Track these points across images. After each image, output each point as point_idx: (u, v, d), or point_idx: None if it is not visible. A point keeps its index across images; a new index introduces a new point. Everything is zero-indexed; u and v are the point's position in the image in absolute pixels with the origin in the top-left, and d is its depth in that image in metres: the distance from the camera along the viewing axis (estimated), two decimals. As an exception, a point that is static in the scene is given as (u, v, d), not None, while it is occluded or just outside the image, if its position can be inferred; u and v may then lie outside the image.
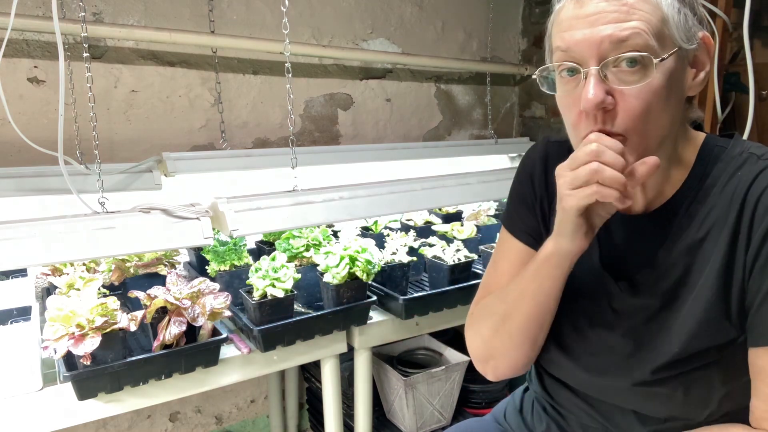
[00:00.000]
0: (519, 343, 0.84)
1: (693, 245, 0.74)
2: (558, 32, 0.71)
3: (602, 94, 0.67)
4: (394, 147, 2.04)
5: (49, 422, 1.08)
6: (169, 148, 1.71)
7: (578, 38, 0.68)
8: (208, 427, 2.04)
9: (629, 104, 0.68)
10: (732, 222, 0.71)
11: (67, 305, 1.07)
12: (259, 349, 1.26)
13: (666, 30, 0.68)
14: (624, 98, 0.68)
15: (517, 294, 0.83)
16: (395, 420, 1.75)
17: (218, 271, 1.44)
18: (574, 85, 0.71)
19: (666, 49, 0.68)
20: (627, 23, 0.66)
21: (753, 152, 0.74)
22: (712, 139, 0.79)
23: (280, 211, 1.37)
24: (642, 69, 0.67)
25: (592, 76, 0.67)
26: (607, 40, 0.66)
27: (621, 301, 0.79)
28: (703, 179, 0.75)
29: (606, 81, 0.68)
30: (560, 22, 0.71)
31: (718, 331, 0.72)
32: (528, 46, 2.49)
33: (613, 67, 0.68)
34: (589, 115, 0.69)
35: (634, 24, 0.66)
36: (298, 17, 1.91)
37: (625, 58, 0.66)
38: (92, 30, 1.43)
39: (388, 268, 1.48)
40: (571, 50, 0.69)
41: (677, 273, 0.75)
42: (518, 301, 0.82)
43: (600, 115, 0.68)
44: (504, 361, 0.87)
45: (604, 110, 0.68)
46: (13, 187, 1.35)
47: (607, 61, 0.67)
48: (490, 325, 0.86)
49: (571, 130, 0.74)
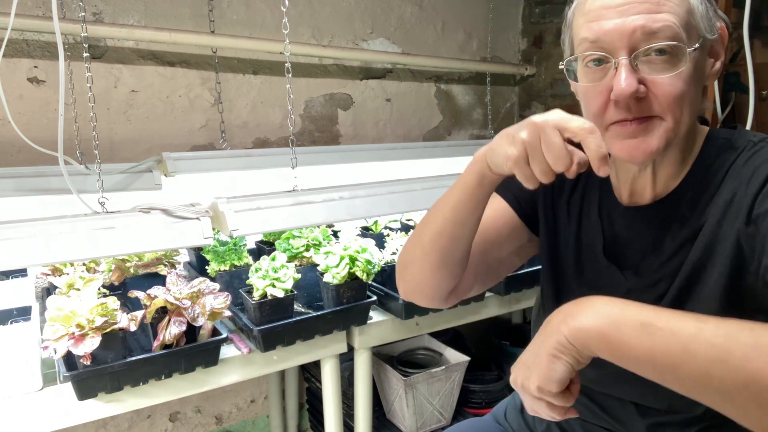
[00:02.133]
0: (428, 252, 0.81)
1: (699, 231, 0.74)
2: (584, 23, 0.71)
3: (635, 83, 0.68)
4: (394, 147, 2.04)
5: (49, 422, 1.08)
6: (169, 148, 1.71)
7: (608, 28, 0.68)
8: (208, 427, 2.04)
9: (664, 90, 0.69)
10: (738, 203, 0.70)
11: (67, 305, 1.07)
12: (259, 349, 1.26)
13: (692, 21, 0.69)
14: (656, 86, 0.69)
15: (438, 203, 0.81)
16: (395, 420, 1.75)
17: (218, 271, 1.44)
18: (602, 75, 0.71)
19: (693, 40, 0.69)
20: (658, 14, 0.67)
21: (751, 139, 0.75)
22: (716, 131, 0.80)
23: (280, 211, 1.37)
24: (672, 58, 0.68)
25: (624, 66, 0.68)
26: (639, 30, 0.67)
27: (627, 290, 0.79)
28: (707, 169, 0.76)
29: (637, 70, 0.69)
30: (586, 12, 0.71)
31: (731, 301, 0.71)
32: (528, 46, 2.49)
33: (643, 57, 0.68)
34: (620, 104, 0.70)
35: (665, 16, 0.67)
36: (298, 17, 1.91)
37: (658, 48, 0.67)
38: (92, 30, 1.43)
39: (388, 268, 1.48)
40: (600, 40, 0.70)
41: (683, 259, 0.75)
42: (435, 208, 0.81)
43: (633, 104, 0.69)
44: (417, 271, 0.85)
45: (636, 99, 0.69)
46: (13, 187, 1.35)
47: (638, 51, 0.68)
48: (413, 233, 0.87)
49: (593, 119, 0.74)
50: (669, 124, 0.70)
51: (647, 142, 0.71)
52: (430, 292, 0.86)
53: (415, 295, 0.89)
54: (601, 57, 0.70)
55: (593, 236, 0.85)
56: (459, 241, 0.80)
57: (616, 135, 0.72)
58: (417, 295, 0.88)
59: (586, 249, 0.85)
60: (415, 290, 0.88)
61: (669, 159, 0.77)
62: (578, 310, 0.63)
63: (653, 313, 0.59)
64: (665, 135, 0.70)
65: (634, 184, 0.81)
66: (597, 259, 0.83)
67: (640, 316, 0.59)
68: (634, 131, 0.71)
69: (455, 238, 0.80)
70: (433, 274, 0.83)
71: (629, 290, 0.79)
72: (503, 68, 2.42)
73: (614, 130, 0.72)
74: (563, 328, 0.62)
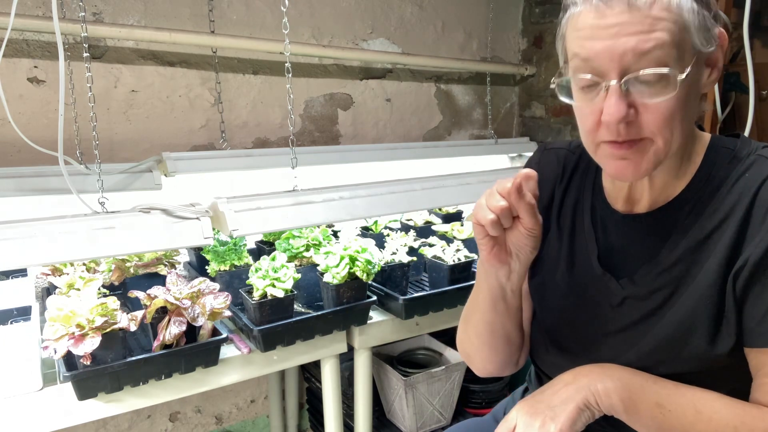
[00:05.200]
0: (479, 347, 0.91)
1: (696, 244, 0.73)
2: (576, 38, 0.70)
3: (624, 108, 0.67)
4: (394, 147, 2.04)
5: (49, 422, 1.08)
6: (169, 148, 1.71)
7: (598, 49, 0.67)
8: (208, 427, 2.04)
9: (653, 115, 0.68)
10: (739, 220, 0.70)
11: (67, 305, 1.07)
12: (259, 349, 1.26)
13: (687, 37, 0.67)
14: (647, 109, 0.68)
15: (471, 299, 0.90)
16: (395, 420, 1.75)
17: (218, 271, 1.44)
18: (594, 94, 0.70)
19: (687, 58, 0.67)
20: (650, 35, 0.65)
21: (761, 154, 0.74)
22: (719, 140, 0.78)
23: (280, 211, 1.37)
24: (663, 82, 0.66)
25: (613, 91, 0.67)
26: (630, 52, 0.65)
27: (622, 300, 0.79)
28: (710, 180, 0.75)
29: (627, 94, 0.67)
30: (579, 28, 0.69)
31: (716, 330, 0.72)
32: (528, 46, 2.49)
33: (634, 80, 0.67)
34: (610, 127, 0.69)
35: (657, 35, 0.65)
36: (298, 17, 1.91)
37: (647, 74, 0.66)
38: (92, 30, 1.43)
39: (388, 268, 1.48)
40: (591, 60, 0.68)
41: (680, 271, 0.74)
42: (470, 306, 0.91)
43: (622, 127, 0.68)
44: (477, 361, 0.94)
45: (626, 122, 0.68)
46: (13, 187, 1.35)
47: (628, 76, 0.66)
48: (461, 327, 0.95)
49: (586, 137, 0.74)
50: (659, 145, 0.70)
51: (636, 163, 0.71)
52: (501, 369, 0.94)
53: (490, 374, 0.96)
54: (592, 79, 0.69)
55: (587, 244, 0.84)
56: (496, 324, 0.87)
57: (607, 155, 0.73)
58: (491, 374, 0.96)
59: (580, 257, 0.85)
60: (487, 373, 0.96)
61: (666, 167, 0.76)
62: (605, 377, 0.75)
63: (665, 393, 0.72)
64: (655, 157, 0.70)
65: (631, 191, 0.81)
66: (591, 267, 0.83)
67: (656, 397, 0.72)
68: (623, 153, 0.71)
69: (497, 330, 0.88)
70: (490, 358, 0.92)
71: (625, 298, 0.79)
72: (503, 68, 2.42)
73: (605, 149, 0.72)
74: (596, 388, 0.73)
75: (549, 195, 0.91)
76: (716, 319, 0.71)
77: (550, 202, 0.91)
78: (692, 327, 0.72)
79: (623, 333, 0.79)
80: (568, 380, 0.76)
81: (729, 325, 0.71)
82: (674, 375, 0.75)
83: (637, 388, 0.73)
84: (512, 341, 0.89)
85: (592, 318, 0.82)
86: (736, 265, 0.70)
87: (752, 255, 0.68)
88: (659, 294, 0.76)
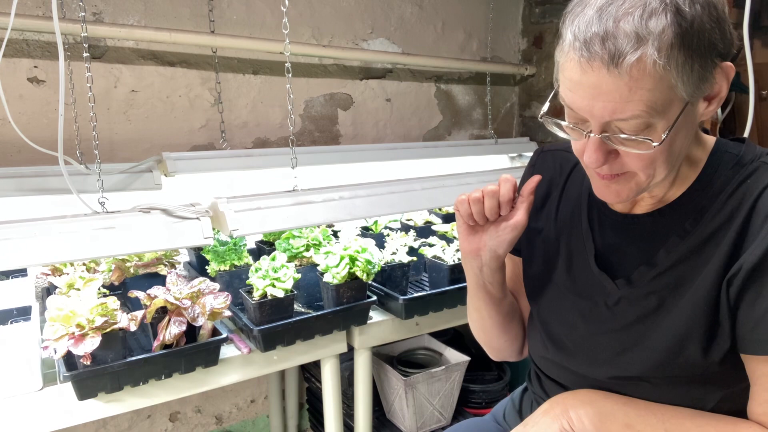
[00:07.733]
0: (476, 332, 1.00)
1: (694, 248, 0.73)
2: (563, 81, 0.68)
3: (603, 157, 0.69)
4: (394, 147, 2.04)
5: (49, 422, 1.08)
6: (169, 148, 1.71)
7: (579, 105, 0.67)
8: (208, 427, 2.04)
9: (634, 160, 0.68)
10: (738, 227, 0.70)
11: (67, 305, 1.07)
12: (259, 349, 1.27)
13: (673, 94, 0.63)
14: (629, 156, 0.68)
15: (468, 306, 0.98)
16: (395, 420, 1.75)
17: (218, 271, 1.44)
18: (579, 134, 0.70)
19: (673, 111, 0.65)
20: (628, 103, 0.63)
21: (764, 161, 0.73)
22: (723, 145, 0.77)
23: (280, 211, 1.37)
24: (646, 137, 0.65)
25: (593, 141, 0.68)
26: (608, 116, 0.65)
27: (617, 299, 0.79)
28: (712, 184, 0.74)
29: (608, 141, 0.68)
30: (566, 75, 0.67)
31: (711, 337, 0.72)
32: (528, 46, 2.49)
33: (615, 131, 0.66)
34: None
35: (634, 105, 0.62)
36: (298, 17, 1.91)
37: (625, 135, 0.65)
38: (92, 30, 1.43)
39: (388, 268, 1.48)
40: (573, 111, 0.69)
41: (676, 274, 0.74)
42: (468, 301, 0.97)
43: (604, 168, 0.70)
44: (491, 349, 1.01)
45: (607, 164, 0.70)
46: (13, 187, 1.35)
47: (608, 133, 0.67)
48: (472, 324, 1.02)
49: (576, 154, 0.75)
50: (641, 179, 0.70)
51: (618, 192, 0.73)
52: (514, 356, 1.02)
53: (504, 359, 1.04)
54: (575, 126, 0.70)
55: (583, 244, 0.84)
56: (492, 318, 0.94)
57: (593, 177, 0.76)
58: (506, 359, 1.03)
59: (577, 256, 0.85)
60: (502, 358, 1.03)
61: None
62: (577, 402, 0.82)
63: (635, 414, 0.77)
64: (637, 187, 0.71)
65: None
66: (588, 267, 0.83)
67: (625, 419, 0.77)
68: (606, 182, 0.73)
69: (495, 322, 0.95)
70: (501, 346, 0.99)
71: (621, 299, 0.79)
72: (503, 68, 2.42)
73: (591, 171, 0.75)
74: (569, 415, 0.81)
75: (546, 195, 0.91)
76: (711, 326, 0.71)
77: (547, 201, 0.91)
78: (688, 333, 0.72)
79: (618, 333, 0.79)
80: (546, 409, 0.84)
81: (723, 332, 0.71)
82: (670, 378, 0.75)
83: (607, 412, 0.78)
84: (507, 330, 0.96)
85: (588, 317, 0.82)
86: (730, 272, 0.69)
87: (746, 261, 0.68)
88: (655, 296, 0.76)
